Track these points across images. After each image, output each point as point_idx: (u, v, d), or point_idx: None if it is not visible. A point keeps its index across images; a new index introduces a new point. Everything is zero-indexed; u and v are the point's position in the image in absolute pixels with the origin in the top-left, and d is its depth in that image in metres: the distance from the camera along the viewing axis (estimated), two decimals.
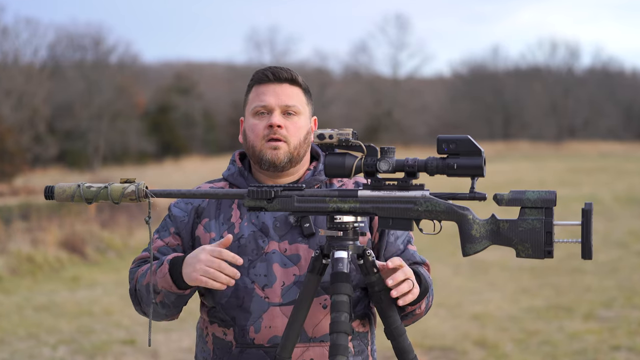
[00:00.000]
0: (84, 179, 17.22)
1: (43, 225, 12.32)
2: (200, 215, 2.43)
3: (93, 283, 10.01)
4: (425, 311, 2.42)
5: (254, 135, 2.39)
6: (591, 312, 7.85)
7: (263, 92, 2.40)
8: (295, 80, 2.42)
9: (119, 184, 2.24)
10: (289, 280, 2.36)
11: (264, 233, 2.38)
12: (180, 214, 2.45)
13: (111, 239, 12.38)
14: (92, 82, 34.61)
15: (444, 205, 2.13)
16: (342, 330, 2.12)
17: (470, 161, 2.09)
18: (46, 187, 2.26)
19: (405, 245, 2.46)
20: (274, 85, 2.40)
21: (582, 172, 24.90)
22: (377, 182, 2.17)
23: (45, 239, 11.60)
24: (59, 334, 7.46)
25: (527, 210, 2.09)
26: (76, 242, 11.81)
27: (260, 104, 2.39)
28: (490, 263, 10.50)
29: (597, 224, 12.95)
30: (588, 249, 2.06)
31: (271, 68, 2.42)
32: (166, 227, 2.45)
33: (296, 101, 2.41)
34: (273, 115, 2.38)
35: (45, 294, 9.37)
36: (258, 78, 2.42)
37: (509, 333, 7.21)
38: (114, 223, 13.07)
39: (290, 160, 2.39)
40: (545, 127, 46.69)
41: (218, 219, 2.42)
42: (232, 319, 2.37)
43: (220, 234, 2.39)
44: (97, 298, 9.09)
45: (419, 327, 7.16)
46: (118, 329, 7.59)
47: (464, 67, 52.32)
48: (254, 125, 2.40)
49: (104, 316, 8.18)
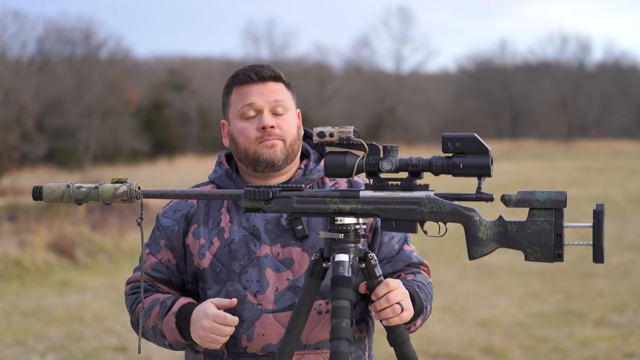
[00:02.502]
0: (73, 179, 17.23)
1: (31, 227, 12.32)
2: (190, 222, 2.44)
3: (83, 287, 10.01)
4: (421, 325, 2.41)
5: (245, 139, 2.39)
6: (603, 318, 7.85)
7: (248, 93, 2.39)
8: (278, 76, 2.42)
9: (110, 184, 2.24)
10: (282, 286, 2.36)
11: (255, 237, 2.38)
12: (170, 224, 2.45)
13: (102, 242, 12.38)
14: (82, 78, 34.59)
15: (449, 207, 2.13)
16: (344, 337, 2.12)
17: (477, 160, 2.09)
18: (34, 188, 2.26)
19: (401, 246, 2.47)
20: (258, 85, 2.40)
21: (593, 172, 24.90)
22: (380, 182, 2.17)
23: (33, 242, 11.60)
24: (48, 341, 7.46)
25: (536, 211, 2.09)
26: (65, 245, 11.81)
27: (247, 102, 2.39)
28: (497, 266, 10.50)
29: (609, 226, 12.95)
30: (600, 252, 2.06)
31: (252, 68, 2.42)
32: (156, 241, 2.46)
33: (283, 96, 2.41)
34: (263, 116, 2.38)
35: (33, 298, 9.37)
36: (240, 79, 2.41)
37: (517, 340, 7.21)
38: (105, 225, 13.07)
39: (286, 158, 2.40)
40: (555, 125, 46.71)
41: (207, 225, 2.42)
42: None
43: (210, 240, 2.39)
44: (87, 303, 9.09)
45: (424, 333, 7.16)
46: (109, 336, 7.59)
47: (470, 62, 52.38)
48: (243, 128, 2.39)
49: (95, 322, 8.18)
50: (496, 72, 49.47)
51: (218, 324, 2.27)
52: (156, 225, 2.48)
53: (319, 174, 2.45)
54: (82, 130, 33.80)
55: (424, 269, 2.50)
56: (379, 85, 46.05)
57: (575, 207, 13.68)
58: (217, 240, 2.39)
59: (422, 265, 2.50)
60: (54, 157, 31.79)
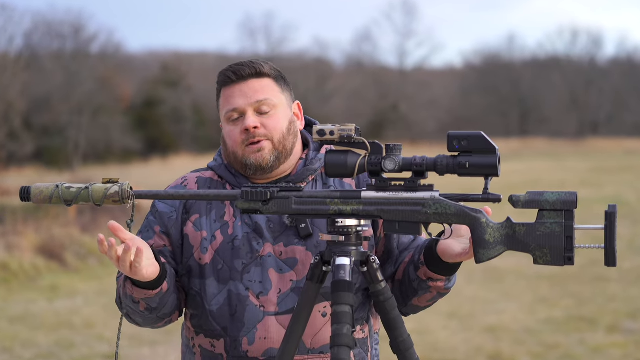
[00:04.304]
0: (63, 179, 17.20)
1: (18, 230, 12.31)
2: (189, 210, 2.44)
3: (73, 292, 10.01)
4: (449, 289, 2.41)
5: (233, 142, 2.40)
6: (615, 324, 7.85)
7: (230, 95, 2.40)
8: (260, 72, 2.41)
9: (101, 184, 2.24)
10: (286, 287, 2.36)
11: (258, 234, 2.38)
12: (168, 210, 2.44)
13: (93, 244, 12.37)
14: (71, 74, 34.61)
15: (455, 208, 2.13)
16: (344, 343, 2.12)
17: (484, 159, 2.09)
18: (22, 188, 2.26)
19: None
20: (239, 85, 2.40)
21: (605, 172, 24.90)
22: (382, 183, 2.17)
23: (21, 244, 11.60)
24: (36, 348, 7.47)
25: (546, 213, 2.09)
26: (54, 248, 11.81)
27: (231, 108, 2.40)
28: (505, 270, 10.51)
29: (622, 228, 12.95)
30: (612, 255, 2.06)
31: (232, 67, 2.42)
32: (150, 227, 2.45)
33: (267, 94, 2.40)
34: (246, 118, 2.38)
35: (20, 304, 9.37)
36: (222, 81, 2.43)
37: (525, 347, 7.21)
38: (96, 227, 13.07)
39: (278, 158, 2.40)
40: (565, 123, 46.70)
41: (210, 216, 2.42)
42: (224, 329, 2.37)
43: (212, 233, 2.40)
44: (77, 309, 9.09)
45: (428, 339, 7.17)
46: (100, 343, 7.59)
47: (476, 57, 52.38)
48: (230, 132, 2.41)
49: (85, 328, 8.18)
50: (504, 68, 49.46)
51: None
52: (151, 211, 2.47)
53: (321, 163, 2.45)
54: (72, 128, 33.82)
55: None
56: (382, 82, 46.05)
57: (587, 209, 13.68)
58: (219, 234, 2.39)
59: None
60: (43, 157, 31.81)
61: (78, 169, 30.65)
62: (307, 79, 40.52)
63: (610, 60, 51.27)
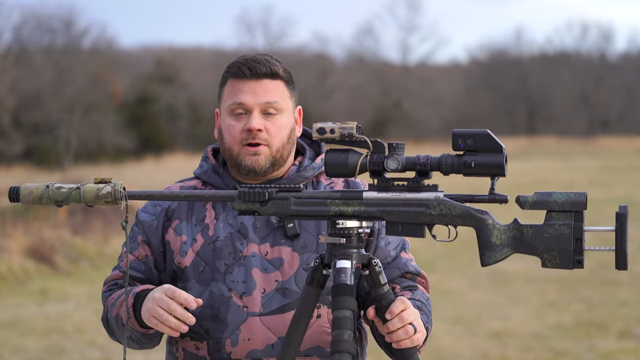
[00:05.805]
0: (53, 179, 17.18)
1: (7, 231, 12.31)
2: (170, 217, 2.46)
3: (64, 296, 10.01)
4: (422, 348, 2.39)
5: (231, 138, 2.41)
6: (627, 330, 7.85)
7: (239, 89, 2.40)
8: (275, 73, 2.42)
9: (92, 184, 2.24)
10: (270, 287, 2.37)
11: (242, 235, 2.40)
12: (149, 219, 2.47)
13: (84, 247, 12.38)
14: (62, 70, 34.61)
15: (460, 209, 2.13)
16: (345, 350, 2.11)
17: (490, 159, 2.09)
18: (10, 188, 2.26)
19: (398, 252, 2.46)
20: (252, 82, 2.40)
21: (616, 171, 24.91)
22: (385, 183, 2.17)
23: (10, 247, 11.60)
24: (25, 354, 7.47)
25: (554, 214, 2.09)
26: (44, 250, 11.81)
27: (237, 101, 2.40)
28: (512, 274, 10.50)
29: (634, 230, 12.95)
30: (623, 258, 2.06)
31: (248, 62, 2.41)
32: (134, 237, 2.47)
33: (277, 97, 2.41)
34: (252, 117, 2.39)
35: (9, 308, 9.37)
36: (233, 72, 2.42)
37: (533, 353, 7.21)
38: (88, 229, 13.07)
39: (272, 164, 2.41)
40: (575, 120, 46.71)
41: (190, 221, 2.44)
42: (206, 332, 2.38)
43: (192, 237, 2.41)
44: (68, 313, 9.09)
45: (432, 346, 7.16)
46: (92, 349, 7.60)
47: (482, 52, 52.41)
48: (230, 126, 2.41)
49: (76, 334, 8.18)
50: (511, 63, 49.48)
51: (166, 297, 2.24)
52: (135, 221, 2.50)
53: (313, 172, 2.47)
54: (63, 126, 33.81)
55: (421, 281, 2.48)
56: (384, 78, 46.06)
57: (597, 210, 13.68)
58: (200, 237, 2.41)
59: (420, 276, 2.48)
60: (32, 156, 31.80)
61: (69, 169, 30.65)
62: (307, 75, 40.51)
63: (621, 55, 51.32)
